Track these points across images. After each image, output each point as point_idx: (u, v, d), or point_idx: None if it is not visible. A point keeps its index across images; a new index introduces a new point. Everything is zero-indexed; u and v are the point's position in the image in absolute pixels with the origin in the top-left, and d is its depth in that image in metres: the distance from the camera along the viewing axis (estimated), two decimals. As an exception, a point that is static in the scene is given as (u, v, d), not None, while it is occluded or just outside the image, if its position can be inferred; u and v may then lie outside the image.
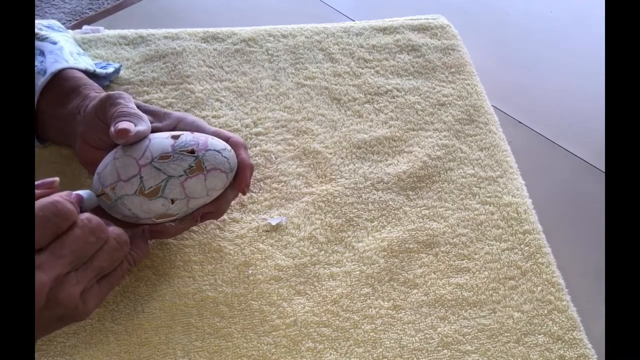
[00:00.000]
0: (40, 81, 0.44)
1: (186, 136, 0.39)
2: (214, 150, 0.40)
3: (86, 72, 0.48)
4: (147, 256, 0.41)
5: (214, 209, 0.41)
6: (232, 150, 0.41)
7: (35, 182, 0.34)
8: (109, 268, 0.36)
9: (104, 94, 0.42)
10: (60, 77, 0.45)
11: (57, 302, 0.32)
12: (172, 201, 0.38)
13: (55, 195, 0.33)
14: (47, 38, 0.47)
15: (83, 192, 0.37)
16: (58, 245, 0.32)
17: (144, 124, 0.39)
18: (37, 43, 0.47)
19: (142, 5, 0.70)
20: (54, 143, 0.49)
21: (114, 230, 0.36)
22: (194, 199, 0.39)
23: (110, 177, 0.38)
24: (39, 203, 0.32)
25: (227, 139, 0.42)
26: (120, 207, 0.38)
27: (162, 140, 0.39)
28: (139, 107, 0.42)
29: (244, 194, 0.43)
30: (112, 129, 0.38)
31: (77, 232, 0.33)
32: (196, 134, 0.40)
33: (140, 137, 0.39)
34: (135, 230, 0.40)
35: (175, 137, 0.39)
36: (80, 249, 0.33)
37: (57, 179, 0.35)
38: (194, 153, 0.39)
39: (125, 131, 0.38)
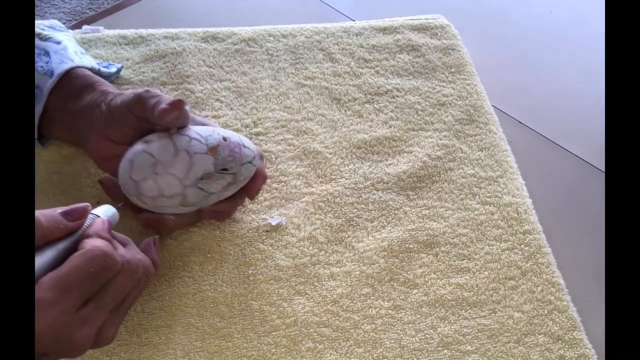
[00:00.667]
0: (48, 82, 0.44)
1: (223, 148, 0.41)
2: (248, 162, 0.43)
3: (92, 70, 0.48)
4: (160, 267, 0.41)
5: (225, 208, 0.44)
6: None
7: (65, 209, 0.34)
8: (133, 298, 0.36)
9: (139, 89, 0.42)
10: (69, 76, 0.45)
11: (70, 342, 0.31)
12: (207, 206, 0.43)
13: (98, 241, 0.33)
14: (50, 38, 0.47)
15: (107, 213, 0.37)
16: (102, 295, 0.33)
17: (189, 113, 0.41)
18: (41, 43, 0.47)
19: (142, 5, 0.70)
20: (59, 140, 0.49)
21: (143, 262, 0.36)
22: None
23: (151, 191, 0.39)
24: (87, 253, 0.32)
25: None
26: (155, 210, 0.41)
27: (202, 157, 0.40)
28: None
29: (251, 199, 0.45)
30: (162, 105, 0.39)
31: (119, 280, 0.33)
32: (229, 140, 0.42)
33: (187, 120, 0.40)
34: (147, 241, 0.40)
35: (213, 151, 0.40)
36: (121, 294, 0.34)
37: (89, 205, 0.35)
38: (232, 170, 0.41)
39: (181, 102, 0.39)
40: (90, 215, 0.36)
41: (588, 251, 0.49)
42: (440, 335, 0.41)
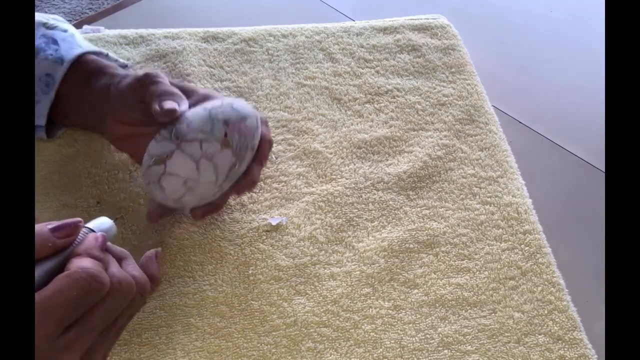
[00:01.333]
0: (60, 69, 0.45)
1: (232, 135, 0.41)
2: (256, 130, 0.43)
3: (101, 55, 0.48)
4: (158, 283, 0.40)
5: (250, 178, 0.44)
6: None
7: (56, 224, 0.31)
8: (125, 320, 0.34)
9: (140, 72, 0.42)
10: (81, 62, 0.46)
11: None
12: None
13: (85, 261, 0.31)
14: (56, 27, 0.47)
15: (102, 227, 0.35)
16: (87, 318, 0.30)
17: (185, 104, 0.41)
18: (48, 32, 0.47)
19: (142, 5, 0.70)
20: (75, 126, 0.50)
21: (138, 280, 0.34)
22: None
23: (192, 201, 0.42)
24: (70, 276, 0.29)
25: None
26: (178, 209, 0.44)
27: (220, 155, 0.40)
28: (170, 83, 0.43)
29: (262, 166, 0.45)
30: (156, 106, 0.39)
31: (108, 301, 0.31)
32: (230, 122, 0.41)
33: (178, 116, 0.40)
34: (148, 255, 0.38)
35: (226, 142, 0.40)
36: (110, 316, 0.31)
37: (81, 220, 0.33)
38: (247, 148, 0.42)
39: (173, 111, 0.39)
40: (83, 230, 0.33)
41: (588, 251, 0.49)
42: (440, 335, 0.41)
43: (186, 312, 0.41)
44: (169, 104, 0.39)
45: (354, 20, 0.69)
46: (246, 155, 0.42)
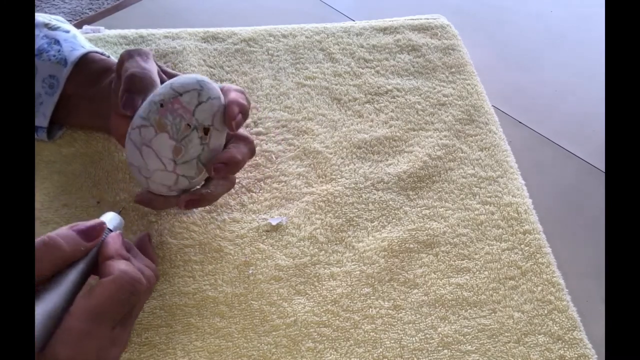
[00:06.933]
0: (63, 71, 0.45)
1: (164, 116, 0.38)
2: (197, 105, 0.39)
3: (103, 55, 0.48)
4: (157, 264, 0.41)
5: (227, 157, 0.40)
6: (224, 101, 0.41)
7: (81, 228, 0.33)
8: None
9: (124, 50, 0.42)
10: (85, 61, 0.46)
11: None
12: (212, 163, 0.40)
13: (122, 264, 0.34)
14: (59, 27, 0.48)
15: (114, 222, 0.37)
16: (128, 315, 0.34)
17: (144, 95, 0.40)
18: (51, 32, 0.47)
19: (142, 5, 0.70)
20: (81, 126, 0.50)
21: (155, 272, 0.38)
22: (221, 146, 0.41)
23: (160, 189, 0.40)
24: (116, 281, 0.32)
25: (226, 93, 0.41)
26: (178, 192, 0.41)
27: (157, 139, 0.38)
28: (159, 68, 0.43)
29: (233, 131, 0.40)
30: (120, 103, 0.39)
31: (142, 298, 0.35)
32: (165, 102, 0.39)
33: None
34: (141, 238, 0.40)
35: (160, 128, 0.38)
36: (140, 309, 0.36)
37: (104, 222, 0.36)
38: (190, 127, 0.39)
39: (128, 107, 0.39)
40: None
41: (588, 251, 0.49)
42: (440, 335, 0.41)
43: (186, 312, 0.41)
44: (124, 100, 0.39)
45: (354, 20, 0.69)
46: (192, 135, 0.38)
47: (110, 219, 0.37)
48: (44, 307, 0.30)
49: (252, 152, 0.43)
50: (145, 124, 0.39)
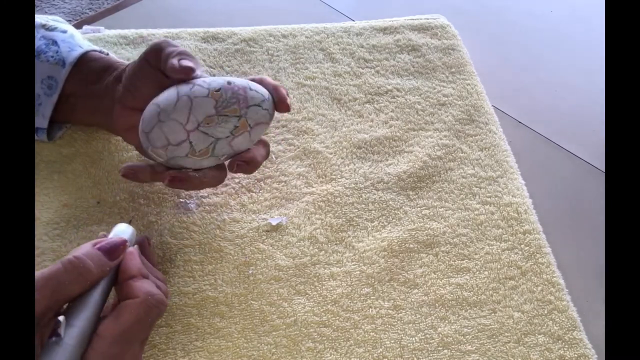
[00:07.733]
0: (62, 72, 0.45)
1: (225, 91, 0.39)
2: (255, 105, 0.40)
3: (102, 53, 0.48)
4: (156, 265, 0.41)
5: (249, 157, 0.41)
6: (269, 93, 0.42)
7: (105, 246, 0.34)
8: None
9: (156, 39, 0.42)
10: (85, 60, 0.46)
11: None
12: (222, 156, 0.40)
13: (146, 284, 0.34)
14: (56, 28, 0.48)
15: (127, 234, 0.37)
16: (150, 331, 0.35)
17: (201, 69, 0.41)
18: (48, 33, 0.47)
19: (142, 5, 0.70)
20: (83, 124, 0.49)
21: (164, 285, 0.38)
22: (240, 150, 0.41)
23: (159, 140, 0.39)
24: (144, 304, 0.33)
25: (261, 82, 0.42)
26: (172, 163, 0.40)
27: (203, 100, 0.39)
28: None
29: (287, 110, 0.42)
30: (174, 61, 0.39)
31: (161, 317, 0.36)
32: (233, 84, 0.40)
33: (194, 74, 0.40)
34: (141, 242, 0.39)
35: (215, 95, 0.39)
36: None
37: (126, 240, 0.36)
38: (237, 112, 0.40)
39: (190, 69, 0.39)
40: None
41: (588, 251, 0.49)
42: (440, 335, 0.41)
43: (186, 312, 0.41)
44: (186, 62, 0.39)
45: (354, 20, 0.69)
46: (230, 120, 0.39)
47: (123, 230, 0.37)
48: (76, 331, 0.31)
49: (267, 155, 0.44)
50: (204, 85, 0.39)
